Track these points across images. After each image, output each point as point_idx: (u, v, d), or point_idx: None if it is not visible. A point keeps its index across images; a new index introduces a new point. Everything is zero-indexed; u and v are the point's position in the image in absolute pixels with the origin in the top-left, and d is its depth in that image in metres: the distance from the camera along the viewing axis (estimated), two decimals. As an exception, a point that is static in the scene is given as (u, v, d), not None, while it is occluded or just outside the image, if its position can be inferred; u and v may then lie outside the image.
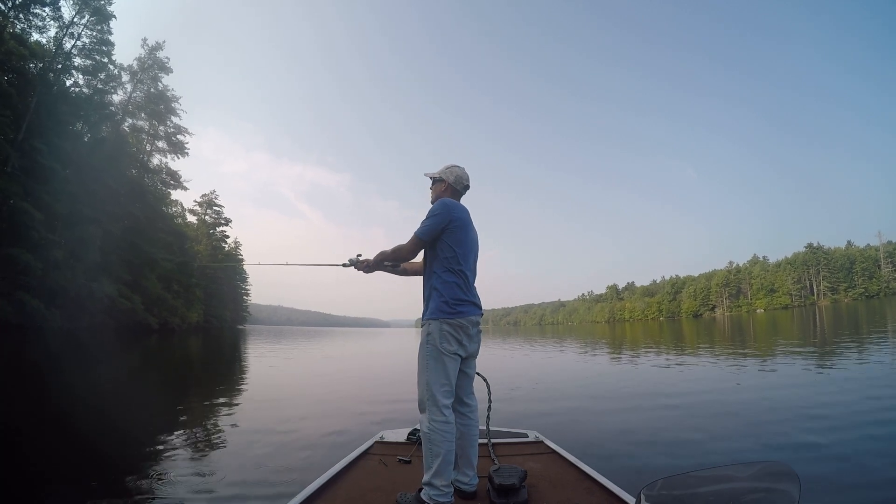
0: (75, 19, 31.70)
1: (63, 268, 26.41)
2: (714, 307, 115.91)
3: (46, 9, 29.56)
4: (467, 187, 2.54)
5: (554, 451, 2.93)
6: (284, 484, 3.37)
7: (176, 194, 50.96)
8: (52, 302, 25.69)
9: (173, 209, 53.44)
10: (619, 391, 8.01)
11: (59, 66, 31.15)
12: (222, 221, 64.92)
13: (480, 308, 2.37)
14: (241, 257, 67.98)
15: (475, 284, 2.43)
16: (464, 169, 2.53)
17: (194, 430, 5.30)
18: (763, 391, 7.21)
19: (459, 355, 2.25)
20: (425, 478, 2.10)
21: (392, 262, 2.55)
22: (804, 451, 4.07)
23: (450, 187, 2.49)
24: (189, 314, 46.22)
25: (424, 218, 2.35)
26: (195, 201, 63.36)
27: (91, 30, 32.86)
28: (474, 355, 2.38)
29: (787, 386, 7.62)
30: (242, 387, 9.39)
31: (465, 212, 2.43)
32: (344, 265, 2.65)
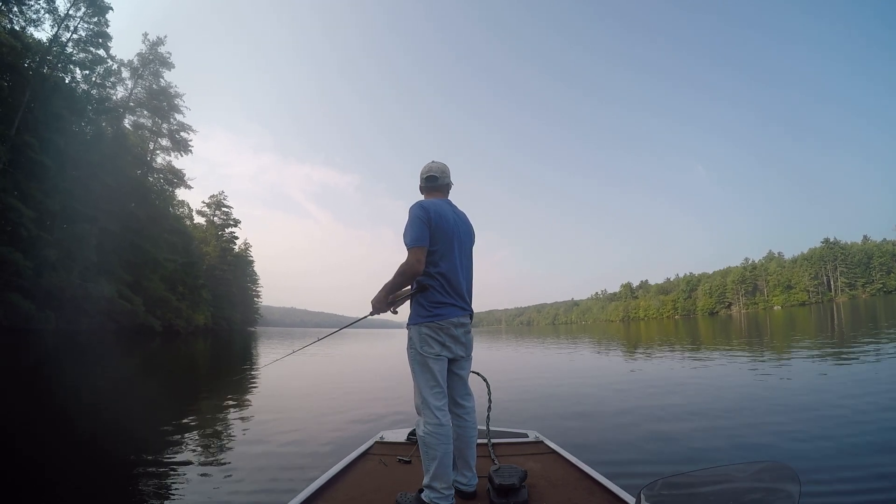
0: (71, 11, 30.68)
1: (58, 268, 25.24)
2: (730, 304, 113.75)
3: (41, 1, 28.54)
4: (436, 178, 2.34)
5: (554, 451, 2.90)
6: (284, 484, 3.34)
7: (182, 195, 50.16)
8: (47, 303, 24.58)
9: (180, 210, 52.60)
10: (620, 391, 7.84)
11: (55, 61, 30.06)
12: (231, 223, 63.95)
13: (466, 308, 2.24)
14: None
15: (469, 279, 2.32)
16: (435, 161, 2.39)
17: (193, 432, 5.22)
18: (768, 391, 7.01)
19: (445, 356, 2.15)
20: (425, 480, 2.03)
21: (406, 285, 2.22)
22: (805, 452, 3.99)
23: (423, 186, 2.39)
24: (195, 316, 45.00)
25: (405, 230, 2.16)
26: (203, 202, 62.72)
27: (87, 23, 31.89)
28: (463, 357, 2.24)
29: (795, 385, 7.43)
30: (242, 387, 9.26)
31: (443, 205, 2.26)
32: (371, 314, 2.40)
